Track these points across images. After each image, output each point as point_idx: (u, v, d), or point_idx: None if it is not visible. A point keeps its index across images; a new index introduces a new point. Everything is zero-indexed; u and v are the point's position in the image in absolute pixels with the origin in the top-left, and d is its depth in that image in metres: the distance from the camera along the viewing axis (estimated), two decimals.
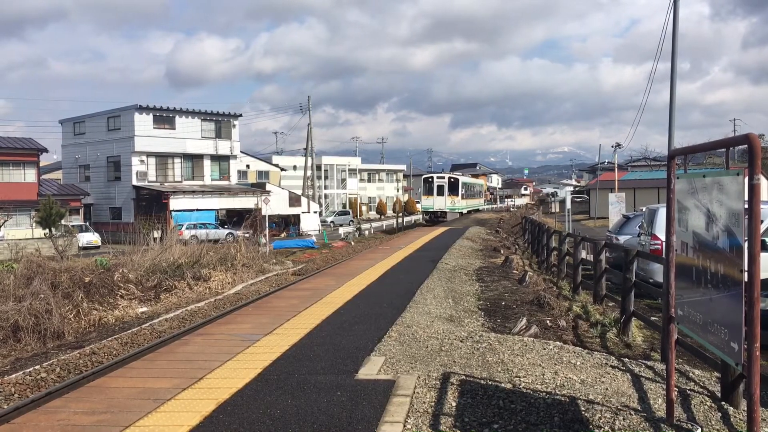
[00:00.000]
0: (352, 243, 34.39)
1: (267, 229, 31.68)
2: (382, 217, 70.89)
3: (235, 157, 54.66)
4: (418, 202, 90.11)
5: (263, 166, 65.34)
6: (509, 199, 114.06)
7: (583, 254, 16.04)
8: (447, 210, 49.48)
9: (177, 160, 50.90)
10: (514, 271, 17.09)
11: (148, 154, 48.76)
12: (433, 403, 5.60)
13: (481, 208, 67.18)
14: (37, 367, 10.26)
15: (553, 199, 67.25)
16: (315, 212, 53.05)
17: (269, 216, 31.75)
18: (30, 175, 42.96)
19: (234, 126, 54.10)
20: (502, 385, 6.19)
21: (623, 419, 5.29)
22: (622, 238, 19.03)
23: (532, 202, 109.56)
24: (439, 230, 32.64)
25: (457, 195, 50.18)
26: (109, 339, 12.63)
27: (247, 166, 61.59)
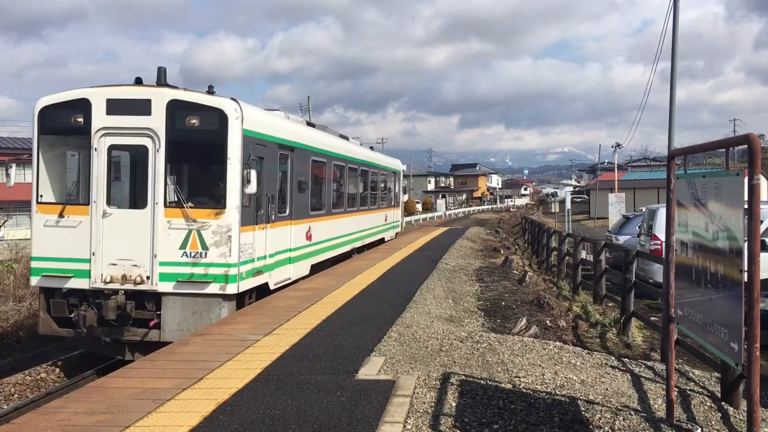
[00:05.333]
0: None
1: None
2: None
3: None
4: (418, 203, 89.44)
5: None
6: (509, 200, 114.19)
7: (583, 254, 16.06)
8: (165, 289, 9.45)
9: None
10: (514, 272, 17.10)
11: None
12: (433, 404, 5.60)
13: (388, 235, 24.36)
14: (37, 367, 10.28)
15: (553, 199, 66.45)
16: None
17: None
18: (30, 175, 42.98)
19: None
20: (502, 385, 6.19)
21: (623, 419, 5.29)
22: (622, 238, 19.06)
23: (532, 203, 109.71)
24: (439, 230, 32.62)
25: (248, 206, 10.00)
26: None
27: None
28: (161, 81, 9.96)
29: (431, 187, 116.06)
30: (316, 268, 14.18)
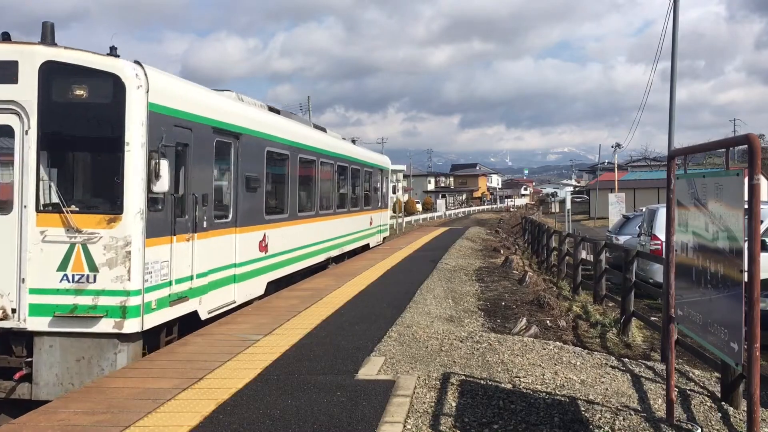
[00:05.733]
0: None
1: None
2: None
3: None
4: (418, 203, 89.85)
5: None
6: (509, 200, 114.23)
7: (583, 254, 16.07)
8: None
9: None
10: (514, 272, 17.10)
11: None
12: (433, 404, 5.60)
13: (374, 241, 21.86)
14: None
15: (553, 199, 66.39)
16: None
17: None
18: None
19: None
20: (502, 385, 6.19)
21: (623, 419, 5.29)
22: (622, 238, 19.06)
23: (532, 203, 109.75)
24: (439, 230, 32.67)
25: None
26: None
27: None
28: (47, 40, 7.20)
29: (431, 187, 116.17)
30: (278, 285, 11.88)
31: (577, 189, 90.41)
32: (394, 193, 26.56)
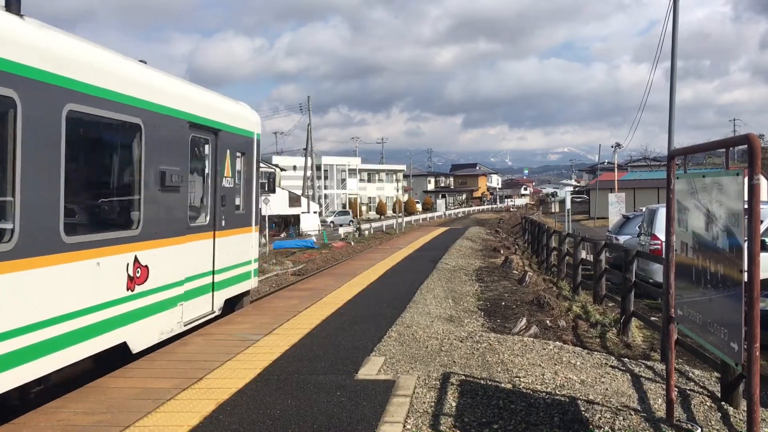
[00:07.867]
0: (352, 243, 34.39)
1: (267, 229, 31.45)
2: (382, 217, 70.98)
3: None
4: (418, 203, 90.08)
5: (263, 167, 65.01)
6: (509, 200, 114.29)
7: (583, 254, 16.07)
8: None
9: None
10: (514, 272, 17.10)
11: None
12: (433, 404, 5.60)
13: (140, 341, 6.87)
14: None
15: (553, 199, 66.35)
16: (315, 212, 52.88)
17: (269, 216, 31.30)
18: None
19: None
20: (502, 385, 6.19)
21: (623, 419, 5.29)
22: (622, 238, 19.06)
23: (532, 203, 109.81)
24: (439, 230, 32.66)
25: None
26: None
27: None
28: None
29: (431, 187, 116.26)
30: None
31: (577, 189, 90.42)
32: (272, 191, 13.77)
